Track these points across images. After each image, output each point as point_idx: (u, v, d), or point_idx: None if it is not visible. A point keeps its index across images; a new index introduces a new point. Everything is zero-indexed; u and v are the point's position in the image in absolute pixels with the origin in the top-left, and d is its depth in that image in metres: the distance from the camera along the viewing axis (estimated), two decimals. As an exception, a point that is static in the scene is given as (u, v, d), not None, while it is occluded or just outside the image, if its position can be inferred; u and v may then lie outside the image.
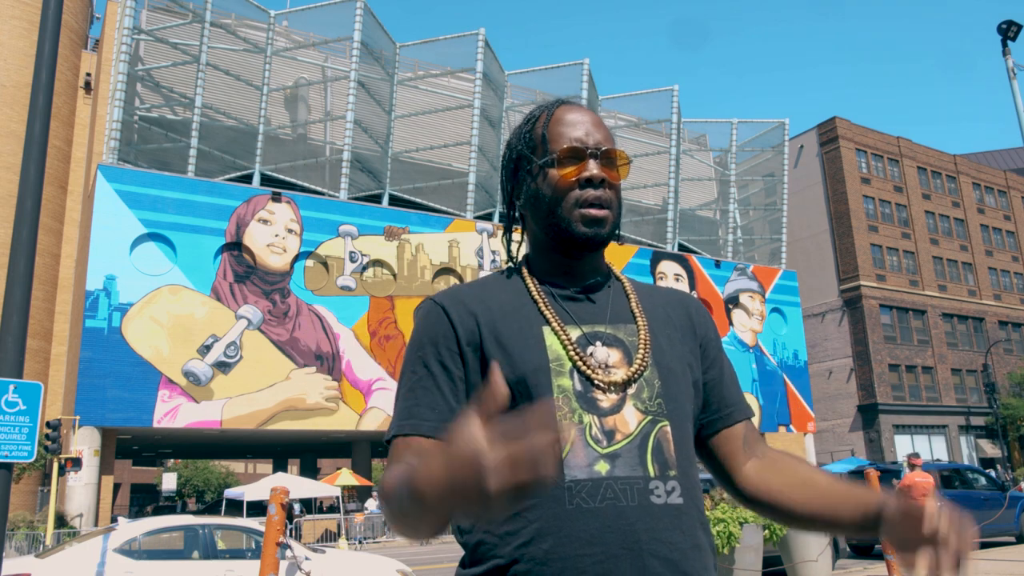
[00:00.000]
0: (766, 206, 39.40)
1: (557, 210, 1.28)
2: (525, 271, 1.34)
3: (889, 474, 14.46)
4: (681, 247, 36.01)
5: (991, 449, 45.87)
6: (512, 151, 1.38)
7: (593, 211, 1.27)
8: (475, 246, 29.40)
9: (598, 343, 1.25)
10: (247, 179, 27.20)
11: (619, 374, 1.23)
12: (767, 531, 9.29)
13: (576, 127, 1.31)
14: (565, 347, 1.23)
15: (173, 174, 25.00)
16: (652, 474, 1.17)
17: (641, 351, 1.26)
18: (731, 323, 34.57)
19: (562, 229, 1.28)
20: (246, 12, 28.02)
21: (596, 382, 1.21)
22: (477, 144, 30.10)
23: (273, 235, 25.68)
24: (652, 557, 1.13)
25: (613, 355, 1.25)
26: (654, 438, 1.20)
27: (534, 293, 1.29)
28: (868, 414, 42.69)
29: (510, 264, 1.41)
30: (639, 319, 1.30)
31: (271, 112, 28.65)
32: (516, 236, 1.44)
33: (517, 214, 1.40)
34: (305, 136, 30.17)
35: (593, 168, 1.28)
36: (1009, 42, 15.70)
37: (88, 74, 34.98)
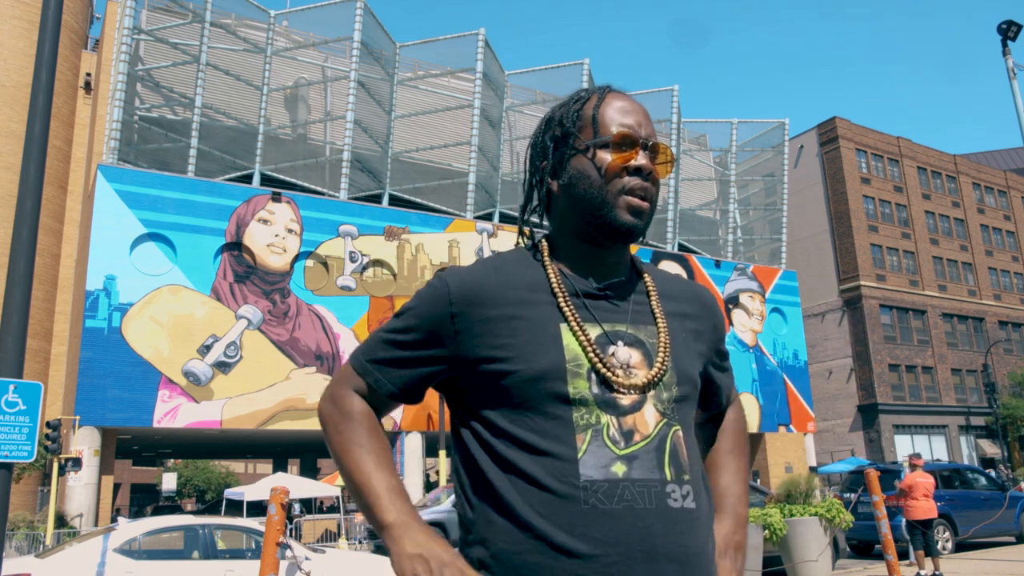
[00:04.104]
0: (766, 206, 39.40)
1: (602, 193, 1.26)
2: (547, 257, 1.31)
3: (889, 474, 14.46)
4: (681, 247, 36.01)
5: (991, 449, 45.86)
6: (555, 126, 1.34)
7: (637, 200, 1.26)
8: (475, 246, 29.39)
9: (620, 343, 1.24)
10: (247, 179, 27.19)
11: (640, 376, 1.22)
12: (767, 531, 9.29)
13: (629, 115, 1.29)
14: (583, 347, 1.21)
15: (173, 174, 24.99)
16: (669, 477, 1.17)
17: (661, 354, 1.25)
18: (731, 323, 34.56)
19: (603, 214, 1.26)
20: (246, 12, 28.01)
21: (615, 385, 1.19)
22: (477, 144, 30.09)
23: (273, 235, 25.68)
24: (668, 561, 1.13)
25: (634, 356, 1.23)
26: (671, 441, 1.20)
27: (554, 285, 1.26)
28: (868, 414, 42.69)
29: (531, 238, 1.38)
30: (660, 321, 1.29)
31: (271, 112, 28.64)
32: (531, 219, 1.41)
33: (543, 193, 1.35)
34: (305, 136, 30.17)
35: (642, 158, 1.27)
36: (1009, 42, 15.68)
37: (88, 74, 34.96)
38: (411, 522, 1.19)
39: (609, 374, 1.20)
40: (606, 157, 1.26)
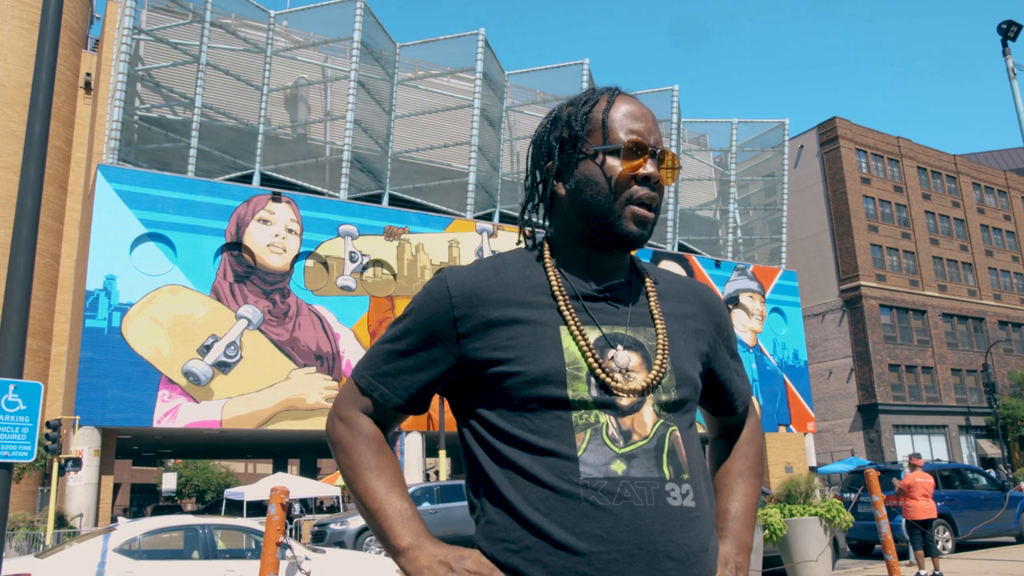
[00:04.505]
0: (766, 206, 39.40)
1: (609, 202, 1.25)
2: (548, 259, 1.30)
3: (889, 474, 14.46)
4: (681, 247, 36.01)
5: (991, 449, 45.86)
6: (562, 126, 1.32)
7: (643, 211, 1.26)
8: (475, 246, 29.40)
9: (619, 346, 1.24)
10: (247, 179, 27.19)
11: (639, 380, 1.22)
12: (767, 531, 9.28)
13: (638, 120, 1.28)
14: (583, 351, 1.21)
15: (173, 174, 24.99)
16: (668, 476, 1.18)
17: (660, 356, 1.25)
18: (731, 323, 34.56)
19: (609, 223, 1.25)
20: (246, 12, 28.01)
21: (614, 389, 1.20)
22: (477, 144, 30.08)
23: (273, 235, 25.68)
24: (667, 559, 1.13)
25: (633, 359, 1.24)
26: (669, 440, 1.20)
27: (555, 289, 1.26)
28: (868, 414, 42.68)
29: (532, 238, 1.37)
30: (658, 322, 1.29)
31: (271, 112, 28.64)
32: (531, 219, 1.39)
33: (547, 194, 1.34)
34: (305, 136, 30.17)
35: (651, 167, 1.26)
36: (1009, 42, 15.68)
37: (88, 74, 34.97)
38: (424, 542, 1.20)
39: (607, 379, 1.20)
40: (615, 164, 1.26)
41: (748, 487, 1.42)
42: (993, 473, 31.10)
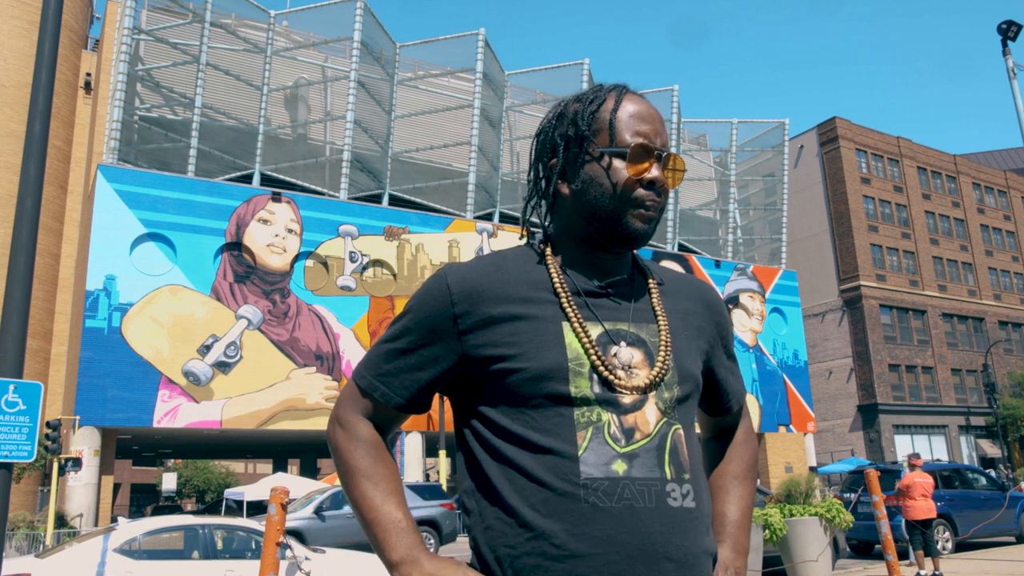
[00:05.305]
0: (766, 206, 39.41)
1: (613, 203, 1.24)
2: (549, 256, 1.30)
3: (889, 474, 14.46)
4: (681, 247, 36.01)
5: (991, 449, 45.86)
6: (567, 124, 1.31)
7: (646, 214, 1.25)
8: (475, 246, 29.40)
9: (622, 343, 1.23)
10: (247, 179, 27.20)
11: (641, 376, 1.21)
12: (767, 531, 9.29)
13: (645, 122, 1.28)
14: (585, 347, 1.20)
15: (173, 174, 25.00)
16: (669, 476, 1.17)
17: (662, 353, 1.24)
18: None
19: (614, 221, 1.25)
20: (246, 12, 28.02)
21: (616, 386, 1.19)
22: (477, 144, 30.09)
23: (273, 235, 25.69)
24: (667, 560, 1.13)
25: (636, 355, 1.23)
26: (671, 439, 1.20)
27: (556, 285, 1.25)
28: (868, 414, 42.69)
29: (532, 236, 1.36)
30: (660, 319, 1.28)
31: (271, 112, 28.65)
32: (529, 219, 1.38)
33: (549, 192, 1.33)
34: (305, 136, 30.18)
35: (656, 171, 1.26)
36: (1009, 42, 15.68)
37: (88, 74, 34.97)
38: (418, 556, 1.18)
39: (610, 375, 1.19)
40: (621, 167, 1.25)
41: (744, 490, 1.42)
42: (993, 473, 31.09)
